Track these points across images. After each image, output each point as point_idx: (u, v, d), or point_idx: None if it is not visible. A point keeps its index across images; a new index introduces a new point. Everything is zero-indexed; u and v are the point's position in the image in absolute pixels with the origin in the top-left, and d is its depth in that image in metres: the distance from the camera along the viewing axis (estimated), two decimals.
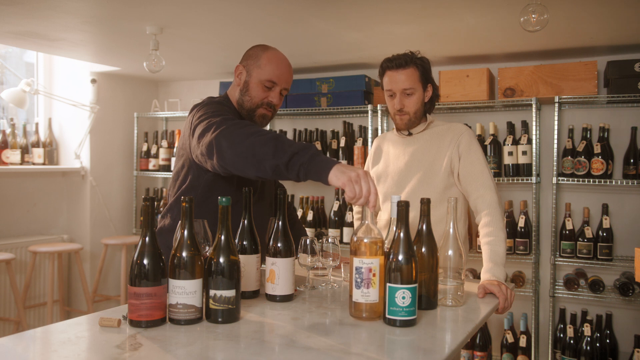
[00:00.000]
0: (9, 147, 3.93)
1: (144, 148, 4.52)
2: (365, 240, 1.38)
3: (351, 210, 3.72)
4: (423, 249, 1.51)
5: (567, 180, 3.18)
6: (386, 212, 2.13)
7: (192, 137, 1.67)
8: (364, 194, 1.38)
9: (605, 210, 3.16)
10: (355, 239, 1.39)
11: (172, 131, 4.52)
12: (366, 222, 1.40)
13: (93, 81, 4.26)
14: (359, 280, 1.37)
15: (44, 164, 4.12)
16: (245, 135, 1.49)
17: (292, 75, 1.91)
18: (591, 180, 3.10)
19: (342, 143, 3.76)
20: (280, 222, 1.57)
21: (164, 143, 4.42)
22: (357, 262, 1.37)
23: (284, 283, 1.55)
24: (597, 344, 3.06)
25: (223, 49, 3.35)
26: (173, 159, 4.39)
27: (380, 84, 2.11)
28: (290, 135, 4.18)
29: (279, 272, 1.54)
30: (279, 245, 1.54)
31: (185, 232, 1.34)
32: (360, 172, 1.40)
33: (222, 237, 1.35)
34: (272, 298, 1.56)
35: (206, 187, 1.79)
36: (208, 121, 1.61)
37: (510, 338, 3.26)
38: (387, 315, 1.36)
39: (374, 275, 1.36)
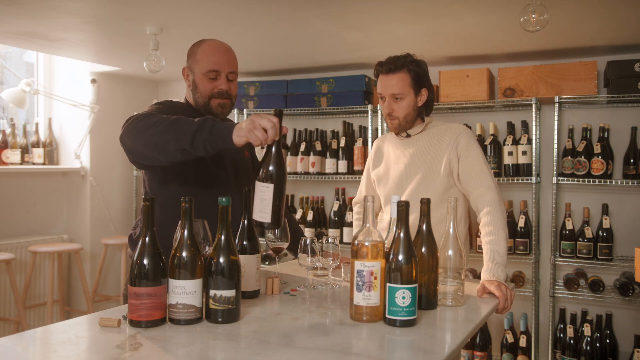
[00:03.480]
0: (9, 147, 3.93)
1: None
2: (366, 244, 1.37)
3: (351, 210, 3.73)
4: (423, 249, 1.51)
5: (567, 180, 3.18)
6: (388, 214, 2.13)
7: None
8: (267, 127, 1.42)
9: (605, 210, 3.16)
10: (356, 242, 1.39)
11: None
12: (367, 224, 1.40)
13: (93, 81, 4.26)
14: (360, 283, 1.36)
15: (44, 164, 4.12)
16: (145, 128, 1.54)
17: (234, 59, 1.87)
18: (591, 180, 3.10)
19: (342, 143, 3.76)
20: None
21: None
22: (358, 265, 1.36)
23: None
24: (597, 344, 3.06)
25: None
26: None
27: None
28: (290, 136, 4.18)
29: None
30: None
31: (185, 232, 1.34)
32: (252, 118, 1.44)
33: (222, 237, 1.35)
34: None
35: (158, 183, 1.82)
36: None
37: (510, 338, 3.26)
38: (387, 315, 1.35)
39: (375, 278, 1.36)
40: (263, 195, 1.49)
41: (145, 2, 2.49)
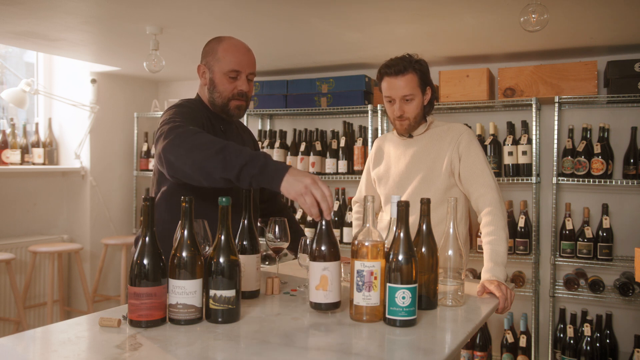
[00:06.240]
0: (9, 147, 3.93)
1: (144, 148, 4.52)
2: (366, 244, 1.37)
3: (351, 210, 3.73)
4: (423, 249, 1.51)
5: (567, 180, 3.18)
6: (388, 214, 2.13)
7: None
8: (319, 200, 1.38)
9: (605, 210, 3.16)
10: (356, 242, 1.39)
11: None
12: (367, 225, 1.39)
13: (93, 81, 4.26)
14: (360, 283, 1.36)
15: (44, 164, 4.12)
16: (190, 148, 1.48)
17: (254, 59, 1.84)
18: (591, 180, 3.10)
19: (342, 143, 3.76)
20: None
21: None
22: (358, 265, 1.36)
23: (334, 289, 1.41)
24: (597, 344, 3.06)
25: None
26: None
27: (379, 88, 2.10)
28: (290, 136, 4.18)
29: (332, 278, 1.40)
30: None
31: (185, 232, 1.34)
32: (308, 181, 1.39)
33: (222, 237, 1.35)
34: (317, 307, 1.42)
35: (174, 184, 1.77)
36: (161, 129, 1.60)
37: (510, 338, 3.26)
38: (387, 315, 1.35)
39: (375, 278, 1.36)
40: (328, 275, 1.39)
41: (145, 2, 2.49)
